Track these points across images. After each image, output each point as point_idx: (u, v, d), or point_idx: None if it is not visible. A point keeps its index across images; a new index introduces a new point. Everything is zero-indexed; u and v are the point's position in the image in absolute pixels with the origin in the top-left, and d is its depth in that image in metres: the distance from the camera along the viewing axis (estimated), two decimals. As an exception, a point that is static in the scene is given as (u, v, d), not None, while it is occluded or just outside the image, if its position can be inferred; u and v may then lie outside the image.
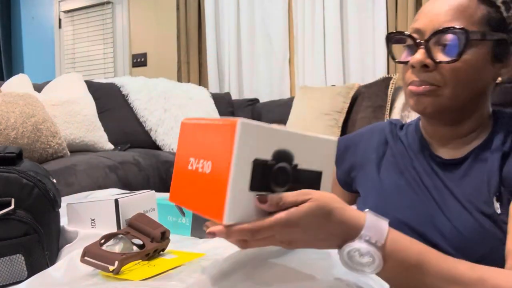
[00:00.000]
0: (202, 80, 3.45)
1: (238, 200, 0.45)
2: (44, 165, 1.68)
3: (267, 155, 0.46)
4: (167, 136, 2.62)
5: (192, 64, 3.43)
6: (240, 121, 0.44)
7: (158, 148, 2.62)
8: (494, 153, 0.66)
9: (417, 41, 0.65)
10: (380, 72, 2.72)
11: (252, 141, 0.45)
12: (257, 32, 3.24)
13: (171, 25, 3.61)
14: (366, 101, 2.40)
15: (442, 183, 0.70)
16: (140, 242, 0.63)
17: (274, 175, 0.47)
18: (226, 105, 2.99)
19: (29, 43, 4.45)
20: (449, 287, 0.50)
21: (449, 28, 0.62)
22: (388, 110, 2.31)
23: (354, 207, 0.87)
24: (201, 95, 2.89)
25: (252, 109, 3.05)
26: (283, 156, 0.47)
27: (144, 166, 2.09)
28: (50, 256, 0.61)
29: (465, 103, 0.66)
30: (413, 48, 0.66)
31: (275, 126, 0.48)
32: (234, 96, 3.23)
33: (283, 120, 2.69)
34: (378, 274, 0.51)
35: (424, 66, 0.64)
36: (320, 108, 2.47)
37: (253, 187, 0.46)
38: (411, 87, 0.66)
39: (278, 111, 2.85)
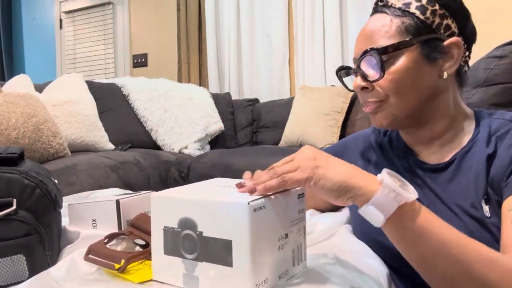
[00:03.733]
0: (202, 80, 3.45)
1: (159, 262, 0.53)
2: (45, 165, 1.68)
3: (174, 223, 0.51)
4: (167, 136, 2.63)
5: (192, 64, 3.44)
6: (152, 194, 0.53)
7: (158, 148, 2.63)
8: (479, 156, 0.66)
9: (353, 69, 0.73)
10: (380, 72, 2.73)
11: (162, 211, 0.52)
12: (257, 32, 3.24)
13: (172, 25, 3.62)
14: (366, 101, 2.40)
15: (429, 188, 0.70)
16: (143, 242, 0.64)
17: (182, 241, 0.51)
18: (226, 105, 3.00)
19: (30, 43, 4.46)
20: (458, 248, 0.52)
21: (364, 52, 0.68)
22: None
23: (346, 210, 0.87)
24: (201, 95, 2.90)
25: (252, 109, 3.05)
26: (187, 224, 0.51)
27: (144, 166, 2.09)
28: (51, 257, 0.61)
29: (418, 105, 0.68)
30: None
31: (184, 194, 0.52)
32: (234, 96, 3.23)
33: (282, 120, 2.70)
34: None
35: (364, 88, 0.70)
36: (320, 108, 2.47)
37: (167, 251, 0.52)
38: (363, 109, 0.73)
39: (278, 111, 2.85)
